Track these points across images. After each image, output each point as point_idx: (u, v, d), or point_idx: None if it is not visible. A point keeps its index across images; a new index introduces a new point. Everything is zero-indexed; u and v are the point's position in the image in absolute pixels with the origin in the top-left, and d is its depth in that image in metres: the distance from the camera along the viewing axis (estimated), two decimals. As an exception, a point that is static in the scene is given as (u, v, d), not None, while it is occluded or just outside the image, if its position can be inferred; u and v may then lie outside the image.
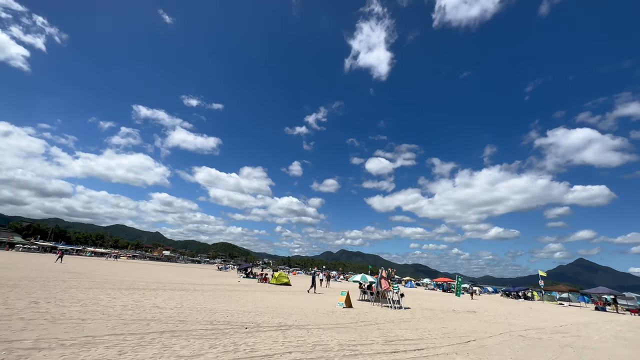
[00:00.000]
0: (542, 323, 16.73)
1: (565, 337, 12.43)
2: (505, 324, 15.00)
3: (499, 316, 18.36)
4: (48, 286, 13.72)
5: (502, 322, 15.43)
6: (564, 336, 12.59)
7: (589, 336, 13.17)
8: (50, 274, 19.70)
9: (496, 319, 16.52)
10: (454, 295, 34.69)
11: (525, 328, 14.01)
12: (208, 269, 73.97)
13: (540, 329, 14.12)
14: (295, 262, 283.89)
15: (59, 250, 47.74)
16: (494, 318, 17.07)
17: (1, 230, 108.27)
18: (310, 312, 13.05)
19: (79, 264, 38.86)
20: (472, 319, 15.55)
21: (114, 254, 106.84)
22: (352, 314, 13.71)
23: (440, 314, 16.77)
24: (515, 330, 13.15)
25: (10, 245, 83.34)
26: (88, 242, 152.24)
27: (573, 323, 18.09)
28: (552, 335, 12.71)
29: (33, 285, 13.45)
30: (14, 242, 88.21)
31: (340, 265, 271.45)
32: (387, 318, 13.27)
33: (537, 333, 12.79)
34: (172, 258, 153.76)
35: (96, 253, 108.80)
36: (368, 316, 13.32)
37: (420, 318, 14.21)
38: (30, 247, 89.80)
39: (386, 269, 18.52)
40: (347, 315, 12.94)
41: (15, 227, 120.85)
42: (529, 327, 14.34)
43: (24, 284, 13.58)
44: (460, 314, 17.77)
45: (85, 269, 29.09)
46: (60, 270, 24.43)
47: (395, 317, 13.67)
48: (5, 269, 20.31)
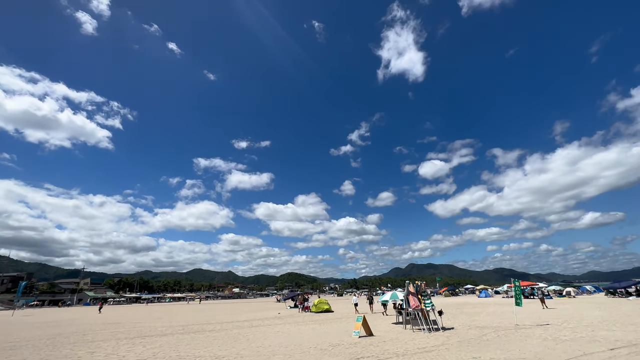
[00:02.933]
0: (635, 334, 11.78)
1: (682, 356, 8.13)
2: (585, 340, 10.74)
3: (583, 328, 13.60)
4: (57, 344, 13.75)
5: (582, 339, 11.12)
6: (680, 355, 8.27)
7: None
8: (79, 328, 20.48)
9: (574, 334, 12.11)
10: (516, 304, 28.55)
11: (617, 345, 9.75)
12: (269, 301, 74.10)
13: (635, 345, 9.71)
14: (362, 283, 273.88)
15: (99, 301, 52.07)
16: (572, 332, 12.60)
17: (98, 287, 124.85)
18: (309, 348, 10.78)
19: (131, 312, 41.32)
20: (536, 338, 11.53)
21: (189, 297, 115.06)
22: (361, 346, 11.01)
23: (491, 333, 12.91)
24: (596, 350, 9.12)
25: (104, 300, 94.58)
26: (167, 288, 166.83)
27: None
28: (659, 354, 8.47)
29: (39, 345, 13.58)
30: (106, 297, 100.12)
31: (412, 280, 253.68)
32: (404, 349, 10.31)
33: (632, 355, 8.64)
34: (241, 295, 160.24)
35: (174, 298, 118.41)
36: (378, 348, 10.51)
37: (454, 344, 10.85)
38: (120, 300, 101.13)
39: (413, 282, 15.22)
40: (347, 351, 10.33)
41: (109, 283, 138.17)
42: (624, 344, 9.98)
43: (33, 344, 13.80)
44: (522, 330, 13.56)
45: (125, 318, 30.31)
46: (96, 322, 25.64)
47: (418, 346, 10.59)
48: (49, 327, 21.79)
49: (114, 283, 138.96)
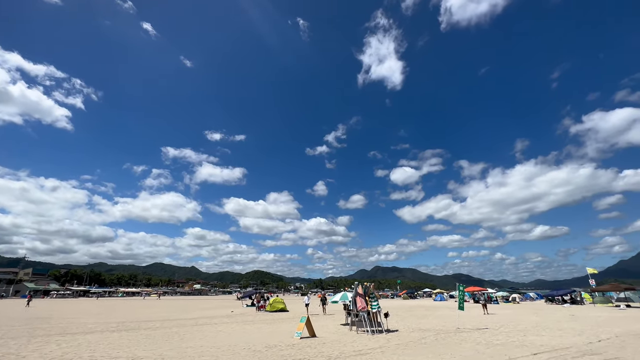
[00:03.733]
0: (573, 339, 12.50)
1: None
2: (514, 345, 11.12)
3: (516, 333, 14.22)
4: (-46, 341, 11.94)
5: (512, 343, 11.53)
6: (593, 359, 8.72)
7: (633, 358, 9.11)
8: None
9: (507, 339, 12.56)
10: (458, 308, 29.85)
11: (540, 350, 10.14)
12: (229, 299, 71.86)
13: (563, 349, 10.18)
14: (328, 283, 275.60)
15: (28, 293, 47.82)
16: (505, 337, 13.08)
17: (40, 279, 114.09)
18: (241, 349, 10.17)
19: (70, 306, 38.05)
20: (470, 342, 11.79)
21: (144, 292, 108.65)
22: (298, 347, 10.59)
23: (431, 336, 13.08)
24: (521, 355, 9.39)
25: (45, 293, 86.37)
26: (121, 282, 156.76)
27: (619, 335, 13.55)
28: (576, 359, 8.87)
29: None
30: (49, 290, 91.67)
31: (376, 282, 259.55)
32: (340, 351, 10.03)
33: (554, 359, 8.98)
34: (203, 291, 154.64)
35: (128, 293, 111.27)
36: (314, 350, 10.15)
37: (391, 347, 10.77)
38: (64, 293, 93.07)
39: (361, 283, 15.14)
40: (280, 353, 9.86)
41: (55, 274, 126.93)
42: (547, 349, 10.42)
43: None
44: (461, 334, 13.89)
45: (59, 313, 27.64)
46: (20, 317, 23.14)
47: (355, 349, 10.37)
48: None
49: (60, 274, 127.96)
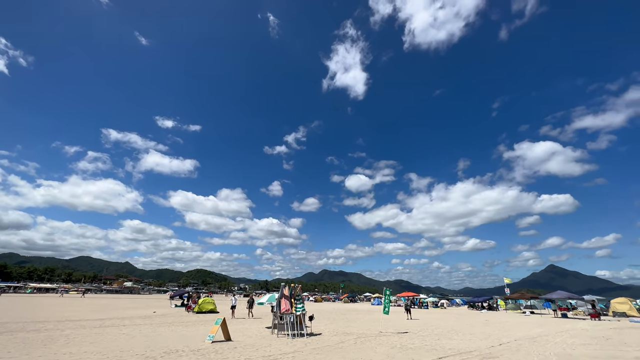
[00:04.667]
0: (479, 342, 13.33)
1: (489, 365, 9.01)
2: (425, 349, 11.42)
3: (432, 337, 14.82)
4: None
5: (425, 347, 11.85)
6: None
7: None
8: None
9: (422, 343, 12.94)
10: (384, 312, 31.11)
11: (447, 354, 10.49)
12: (161, 299, 66.11)
13: (467, 353, 10.66)
14: (274, 285, 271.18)
15: None
16: (421, 341, 13.49)
17: None
18: (133, 356, 8.85)
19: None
20: (386, 346, 11.86)
21: (62, 288, 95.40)
22: (201, 353, 9.58)
23: (351, 340, 12.96)
24: (427, 359, 9.58)
25: None
26: (33, 277, 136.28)
27: (519, 339, 14.85)
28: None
29: None
30: None
31: (322, 286, 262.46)
32: (247, 357, 9.27)
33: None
34: (134, 289, 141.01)
35: (40, 289, 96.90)
36: (219, 356, 9.25)
37: (306, 351, 10.32)
38: (-46, 288, 77.68)
39: (288, 285, 14.57)
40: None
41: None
42: (453, 352, 10.83)
43: None
44: (381, 337, 14.04)
45: None
46: None
47: (266, 354, 9.69)
48: None
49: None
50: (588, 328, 20.62)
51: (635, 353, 11.46)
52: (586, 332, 18.40)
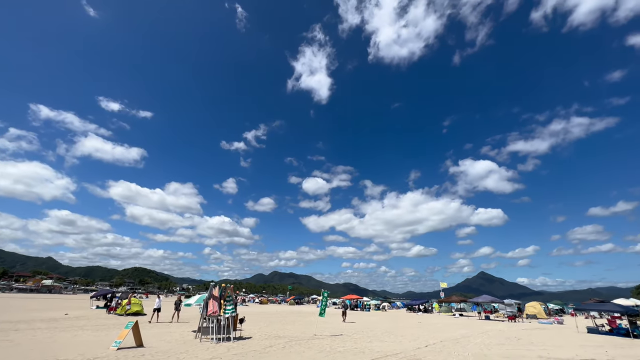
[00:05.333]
0: (408, 344, 13.61)
1: (411, 367, 9.03)
2: (355, 351, 11.23)
3: (364, 339, 14.83)
4: None
5: (355, 349, 11.68)
6: (411, 366, 9.23)
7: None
8: None
9: (353, 345, 12.79)
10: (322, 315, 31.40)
11: (374, 357, 10.38)
12: (82, 299, 58.54)
13: (393, 355, 10.68)
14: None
15: None
16: (353, 343, 13.35)
17: None
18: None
19: None
20: (316, 350, 11.45)
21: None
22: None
23: (281, 344, 12.33)
24: (353, 363, 9.34)
25: None
26: None
27: (444, 340, 15.55)
28: (397, 365, 9.24)
29: None
30: None
31: (270, 288, 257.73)
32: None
33: (378, 365, 9.16)
34: (55, 288, 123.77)
35: None
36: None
37: (228, 357, 9.44)
38: None
39: (219, 285, 13.49)
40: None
41: None
42: (380, 355, 10.78)
43: None
44: (314, 340, 13.64)
45: None
46: None
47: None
48: None
49: None
50: (505, 329, 22.59)
51: (539, 352, 12.57)
52: (503, 333, 20.08)
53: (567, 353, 12.34)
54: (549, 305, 48.06)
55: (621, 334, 19.20)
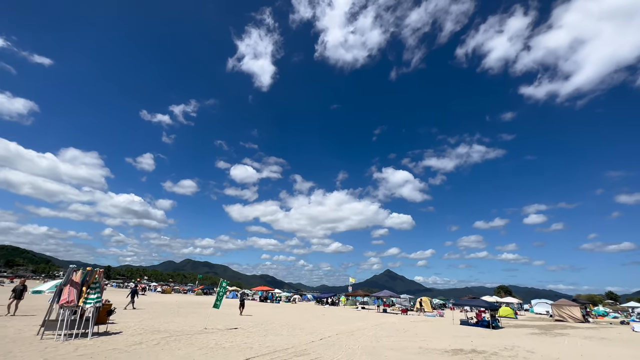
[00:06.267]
0: (304, 337, 13.22)
1: (296, 363, 8.42)
2: (239, 348, 10.19)
3: (259, 333, 13.95)
4: None
5: (241, 346, 10.64)
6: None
7: (328, 356, 9.80)
8: None
9: (243, 340, 11.74)
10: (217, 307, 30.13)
11: (258, 353, 9.51)
12: None
13: (281, 351, 9.99)
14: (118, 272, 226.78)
15: None
16: (244, 338, 12.30)
17: None
18: None
19: None
20: (197, 346, 10.02)
21: None
22: None
23: (155, 340, 10.50)
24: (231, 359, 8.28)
25: None
26: None
27: (340, 332, 15.75)
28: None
29: None
30: None
31: (180, 276, 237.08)
32: None
33: None
34: None
35: None
36: None
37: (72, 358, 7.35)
38: None
39: (84, 268, 10.83)
40: None
41: None
42: (269, 351, 9.98)
43: None
44: (201, 335, 12.13)
45: None
46: None
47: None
48: None
49: None
50: (397, 322, 24.57)
51: (420, 343, 13.58)
52: (394, 325, 21.70)
53: (442, 343, 13.62)
54: (434, 300, 55.30)
55: (484, 325, 22.68)
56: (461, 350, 11.91)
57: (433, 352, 11.45)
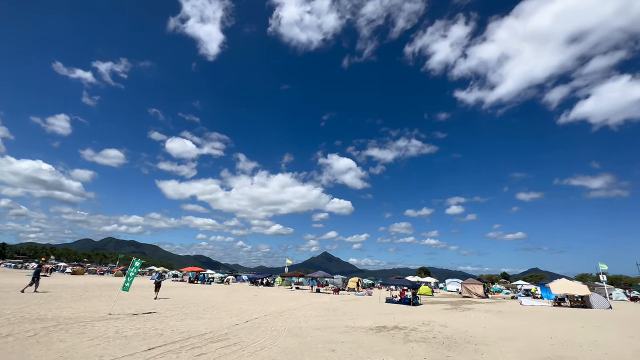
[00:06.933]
0: (228, 320, 12.29)
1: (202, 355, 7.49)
2: (144, 336, 8.86)
3: (177, 317, 12.59)
4: None
5: (148, 332, 9.28)
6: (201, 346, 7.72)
7: (249, 340, 9.11)
8: None
9: (154, 326, 10.33)
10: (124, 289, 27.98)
11: (167, 341, 8.33)
12: None
13: (198, 337, 8.95)
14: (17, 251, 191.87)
15: None
16: (156, 324, 10.87)
17: None
18: None
19: None
20: (85, 336, 8.36)
21: None
22: None
23: (30, 331, 8.50)
24: (128, 354, 6.99)
25: None
26: None
27: (270, 314, 15.21)
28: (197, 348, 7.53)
29: None
30: None
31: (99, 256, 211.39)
32: None
33: (166, 354, 7.18)
34: None
35: None
36: None
37: None
38: None
39: None
40: None
41: None
42: (181, 337, 8.84)
43: None
44: (101, 322, 10.31)
45: None
46: None
47: None
48: None
49: None
50: (328, 301, 25.15)
51: (347, 322, 13.76)
52: (325, 304, 22.08)
53: (368, 321, 14.04)
54: (365, 280, 58.97)
55: (406, 303, 24.56)
56: (384, 327, 12.34)
57: (359, 330, 11.60)
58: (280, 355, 7.39)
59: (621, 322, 16.47)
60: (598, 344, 10.23)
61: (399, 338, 10.23)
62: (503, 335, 11.51)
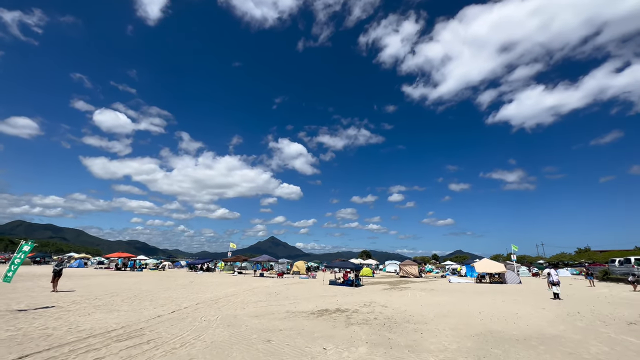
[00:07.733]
0: (152, 310, 10.61)
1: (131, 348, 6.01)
2: (18, 341, 6.94)
3: (79, 312, 10.49)
4: None
5: (36, 333, 7.33)
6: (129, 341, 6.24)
7: (168, 336, 7.77)
8: None
9: (46, 324, 8.29)
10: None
11: (52, 345, 6.57)
12: None
13: (102, 334, 7.30)
14: None
15: None
16: (48, 322, 8.79)
17: None
18: None
19: None
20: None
21: None
22: None
23: None
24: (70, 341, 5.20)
25: None
26: None
27: (203, 301, 13.76)
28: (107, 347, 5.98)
29: None
30: None
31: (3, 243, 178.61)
32: None
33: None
34: None
35: None
36: None
37: None
38: None
39: None
40: None
41: None
42: (75, 339, 7.10)
43: None
44: (-36, 323, 7.93)
45: None
46: None
47: None
48: None
49: None
50: (271, 285, 24.31)
51: (288, 306, 13.04)
52: (268, 288, 21.18)
53: (310, 305, 13.52)
54: (309, 263, 59.62)
55: (349, 284, 24.97)
56: (326, 311, 11.91)
57: (300, 315, 10.95)
58: (202, 353, 6.23)
59: (531, 295, 18.72)
60: (519, 316, 11.12)
61: (340, 321, 9.81)
62: (438, 312, 11.92)
